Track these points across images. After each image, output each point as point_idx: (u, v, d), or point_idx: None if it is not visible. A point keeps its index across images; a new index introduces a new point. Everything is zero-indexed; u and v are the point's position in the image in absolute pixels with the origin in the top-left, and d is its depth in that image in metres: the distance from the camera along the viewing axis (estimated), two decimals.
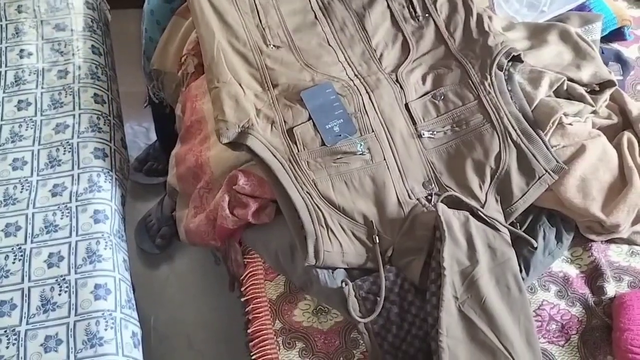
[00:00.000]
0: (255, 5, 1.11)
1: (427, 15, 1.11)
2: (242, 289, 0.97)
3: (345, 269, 0.89)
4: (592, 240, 0.97)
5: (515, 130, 0.96)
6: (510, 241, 0.89)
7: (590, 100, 1.04)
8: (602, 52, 1.18)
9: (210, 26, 1.04)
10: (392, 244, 0.89)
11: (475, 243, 0.85)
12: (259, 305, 0.93)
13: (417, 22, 1.11)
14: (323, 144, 0.94)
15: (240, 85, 0.99)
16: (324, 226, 0.87)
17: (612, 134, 1.03)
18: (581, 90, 1.05)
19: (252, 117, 0.94)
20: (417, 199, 0.92)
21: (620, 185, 0.96)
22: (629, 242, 0.98)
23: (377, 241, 0.88)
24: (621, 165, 0.98)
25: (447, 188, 0.93)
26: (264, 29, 1.09)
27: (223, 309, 1.37)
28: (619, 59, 1.21)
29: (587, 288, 0.94)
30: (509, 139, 0.95)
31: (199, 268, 1.55)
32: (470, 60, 1.04)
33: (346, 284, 0.85)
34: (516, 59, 1.04)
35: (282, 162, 0.92)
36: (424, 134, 0.96)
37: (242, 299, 0.96)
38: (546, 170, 0.93)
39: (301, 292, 0.93)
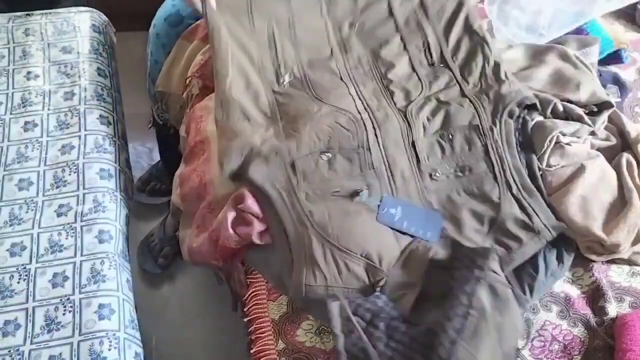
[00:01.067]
0: (274, 39, 1.12)
1: (442, 65, 1.12)
2: (245, 309, 0.97)
3: None
4: (593, 261, 0.98)
5: (516, 184, 0.96)
6: (507, 283, 0.88)
7: (589, 121, 1.05)
8: (600, 75, 1.20)
9: (226, 63, 1.04)
10: (385, 276, 0.88)
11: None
12: (262, 325, 0.93)
13: (432, 67, 1.11)
14: (323, 177, 0.95)
15: (248, 120, 1.00)
16: (309, 260, 0.87)
17: (610, 155, 1.05)
18: (579, 111, 1.06)
19: (256, 144, 0.96)
20: (412, 236, 0.92)
21: (620, 205, 0.97)
22: (629, 262, 0.99)
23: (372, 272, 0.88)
24: (620, 185, 0.99)
25: (444, 230, 0.92)
26: (279, 64, 1.09)
27: (225, 329, 1.36)
28: (617, 81, 1.23)
29: (589, 308, 0.94)
30: (509, 192, 0.95)
31: (201, 288, 1.55)
32: (483, 103, 1.04)
33: (334, 301, 0.85)
34: (533, 108, 1.04)
35: (280, 193, 0.92)
36: (426, 175, 0.97)
37: (245, 319, 0.96)
38: (545, 226, 0.93)
39: (304, 312, 0.93)
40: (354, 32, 1.16)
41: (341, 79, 1.09)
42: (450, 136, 1.00)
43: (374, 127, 1.00)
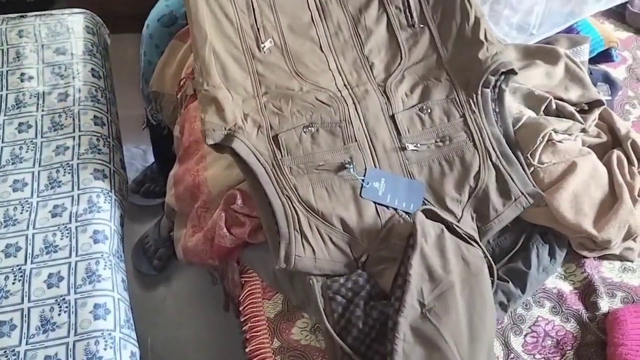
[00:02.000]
0: (252, 3, 1.10)
1: (422, 25, 1.11)
2: (240, 308, 0.97)
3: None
4: (585, 257, 0.99)
5: (495, 152, 0.98)
6: (483, 257, 0.90)
7: (580, 119, 1.06)
8: (591, 73, 1.21)
9: (203, 27, 1.03)
10: (367, 251, 0.90)
11: (448, 254, 0.87)
12: (257, 324, 0.93)
13: (413, 29, 1.11)
14: (307, 151, 0.96)
15: (228, 90, 0.99)
16: (299, 231, 0.89)
17: (601, 152, 1.06)
18: (571, 108, 1.07)
19: (239, 120, 0.95)
20: (395, 210, 0.93)
21: (610, 202, 0.98)
22: (621, 258, 1.00)
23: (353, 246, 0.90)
24: (611, 182, 1.00)
25: (425, 201, 0.95)
26: (258, 29, 1.08)
27: (221, 328, 1.36)
28: (607, 79, 1.24)
29: (581, 304, 0.95)
30: (488, 159, 0.97)
31: (196, 289, 1.55)
32: (459, 76, 1.05)
33: (317, 281, 0.87)
34: (510, 72, 1.04)
35: (264, 166, 0.93)
36: (408, 147, 0.98)
37: (240, 318, 0.96)
38: (522, 193, 0.95)
39: (299, 310, 0.93)
40: None
41: (321, 49, 1.08)
42: (429, 110, 1.02)
43: (354, 103, 1.02)
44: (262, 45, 1.06)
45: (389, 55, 1.09)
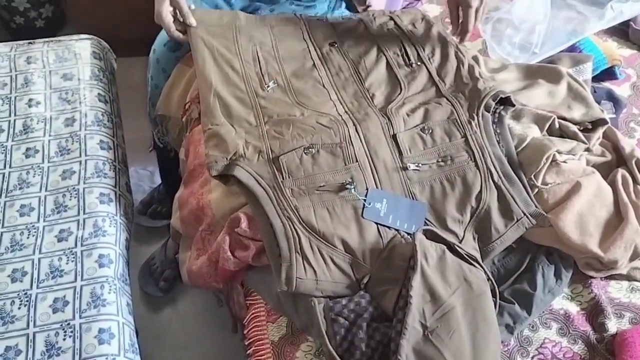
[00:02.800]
0: (257, 57, 1.17)
1: (419, 63, 1.16)
2: (245, 331, 0.97)
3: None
4: (592, 277, 0.98)
5: (497, 172, 0.98)
6: (485, 278, 0.90)
7: (583, 138, 1.06)
8: (594, 91, 1.22)
9: (209, 78, 1.10)
10: (369, 272, 0.90)
11: (450, 275, 0.86)
12: (261, 347, 0.93)
13: (410, 67, 1.15)
14: (307, 172, 0.96)
15: (232, 125, 1.04)
16: (300, 253, 0.89)
17: (606, 171, 1.05)
18: (574, 128, 1.07)
19: (240, 149, 0.99)
20: (396, 230, 0.93)
21: (616, 221, 0.97)
22: (628, 278, 0.99)
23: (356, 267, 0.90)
24: (616, 201, 1.00)
25: (427, 221, 0.94)
26: (262, 75, 1.14)
27: (226, 351, 1.36)
28: (611, 97, 1.24)
29: (589, 325, 0.94)
30: (490, 179, 0.98)
31: (201, 310, 1.55)
32: (460, 100, 1.08)
33: (319, 303, 0.87)
34: (508, 103, 1.07)
35: (266, 189, 0.95)
36: (409, 166, 0.99)
37: (245, 342, 0.96)
38: (524, 214, 0.95)
39: (303, 333, 0.93)
40: (334, 49, 1.20)
41: (323, 85, 1.13)
42: (431, 130, 1.03)
43: (354, 125, 1.03)
44: (266, 86, 1.11)
45: (389, 88, 1.13)
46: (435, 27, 1.25)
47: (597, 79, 1.28)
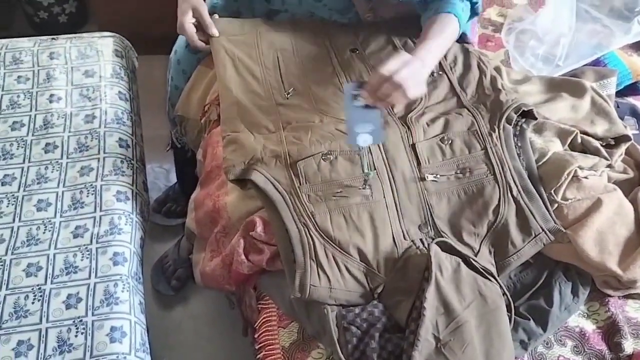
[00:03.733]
0: (278, 63, 1.17)
1: (440, 72, 1.15)
2: (256, 335, 0.97)
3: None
4: (609, 295, 0.96)
5: (517, 186, 0.97)
6: (501, 292, 0.89)
7: (606, 154, 1.05)
8: (618, 107, 1.20)
9: (229, 87, 1.11)
10: (383, 282, 0.89)
11: (464, 288, 0.86)
12: (272, 352, 0.93)
13: (432, 77, 1.14)
14: (325, 179, 0.96)
15: (252, 132, 1.04)
16: (314, 260, 0.88)
17: (628, 188, 1.04)
18: (596, 144, 1.06)
19: (257, 154, 0.99)
20: (412, 241, 0.93)
21: (636, 240, 0.96)
22: None
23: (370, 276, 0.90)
24: (637, 220, 0.98)
25: (442, 233, 0.94)
26: (283, 82, 1.13)
27: (236, 353, 1.36)
28: (635, 113, 1.22)
29: (605, 344, 0.93)
30: (509, 193, 0.96)
31: (213, 311, 1.55)
32: (481, 112, 1.07)
33: (332, 311, 0.86)
34: (530, 116, 1.06)
35: (282, 194, 0.95)
36: (427, 177, 0.98)
37: (255, 346, 0.96)
38: (543, 229, 0.94)
39: (314, 340, 0.92)
40: (355, 56, 1.19)
41: (343, 92, 1.11)
42: (450, 141, 1.02)
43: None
44: (286, 93, 1.11)
45: None
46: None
47: (620, 94, 1.26)
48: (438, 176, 0.98)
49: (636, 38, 1.32)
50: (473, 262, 0.90)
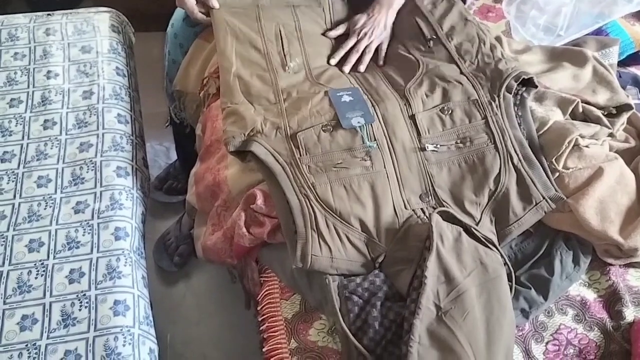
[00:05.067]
0: (280, 35, 1.16)
1: (437, 43, 1.14)
2: (258, 307, 0.97)
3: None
4: (610, 264, 0.97)
5: (517, 155, 0.97)
6: (502, 261, 0.89)
7: (607, 123, 1.04)
8: (620, 76, 1.19)
9: (230, 58, 1.10)
10: (384, 252, 0.90)
11: (465, 257, 0.86)
12: (275, 324, 0.93)
13: (428, 48, 1.14)
14: (325, 150, 0.96)
15: (252, 103, 1.04)
16: (316, 230, 0.89)
17: (629, 157, 1.03)
18: (598, 112, 1.05)
19: (257, 125, 0.99)
20: (413, 210, 0.93)
21: (638, 208, 0.96)
22: None
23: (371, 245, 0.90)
24: (639, 188, 0.98)
25: (443, 202, 0.94)
26: (285, 55, 1.13)
27: (239, 327, 1.37)
28: (637, 82, 1.21)
29: (605, 312, 0.93)
30: (510, 162, 0.96)
31: (215, 286, 1.56)
32: (480, 81, 1.06)
33: (333, 281, 0.86)
34: (531, 84, 1.05)
35: (283, 166, 0.94)
36: (427, 147, 0.98)
37: (258, 318, 0.96)
38: (544, 197, 0.94)
39: (316, 311, 0.93)
40: None
41: (342, 69, 1.14)
42: (450, 111, 1.02)
43: (372, 105, 1.03)
44: (287, 66, 1.11)
45: (407, 68, 1.12)
46: (457, 7, 1.22)
47: (623, 63, 1.25)
48: (438, 146, 0.98)
49: (638, 7, 1.30)
50: (474, 231, 0.90)
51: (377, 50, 1.18)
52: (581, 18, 1.27)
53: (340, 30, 1.20)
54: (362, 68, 1.14)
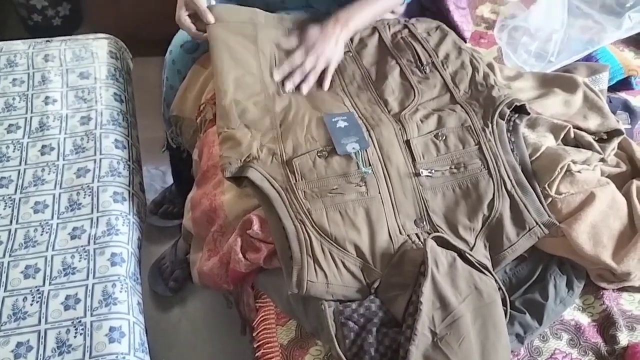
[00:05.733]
0: (275, 60, 1.17)
1: (433, 70, 1.16)
2: (254, 333, 0.97)
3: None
4: (604, 288, 0.97)
5: (511, 180, 0.98)
6: (496, 286, 0.89)
7: (599, 148, 1.05)
8: (610, 102, 1.21)
9: (226, 81, 1.10)
10: (379, 277, 0.90)
11: (460, 282, 0.86)
12: (270, 350, 0.93)
13: (424, 74, 1.15)
14: (320, 175, 0.97)
15: (248, 128, 1.04)
16: (311, 256, 0.89)
17: (620, 182, 1.04)
18: (589, 138, 1.07)
19: (254, 151, 0.99)
20: (408, 236, 0.94)
21: (630, 233, 0.97)
22: None
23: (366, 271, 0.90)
24: (631, 213, 0.99)
25: (438, 228, 0.94)
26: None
27: (234, 353, 1.36)
28: (627, 108, 1.23)
29: (600, 337, 0.93)
30: (503, 188, 0.97)
31: (210, 311, 1.55)
32: (474, 107, 1.08)
33: (329, 307, 0.87)
34: (523, 111, 1.07)
35: (279, 191, 0.95)
36: (422, 172, 0.99)
37: (254, 344, 0.96)
38: (537, 223, 0.95)
39: (312, 337, 0.93)
40: (349, 57, 1.21)
41: (337, 93, 1.14)
42: (444, 137, 1.03)
43: (367, 130, 1.04)
44: (282, 92, 1.11)
45: (403, 94, 1.13)
46: (450, 36, 1.25)
47: (613, 89, 1.27)
48: (433, 171, 0.99)
49: (628, 33, 1.33)
50: (468, 256, 0.90)
51: (324, 71, 1.15)
52: (571, 44, 1.30)
53: (293, 42, 1.18)
54: (304, 90, 1.12)
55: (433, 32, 1.26)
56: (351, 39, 1.25)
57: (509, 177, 0.98)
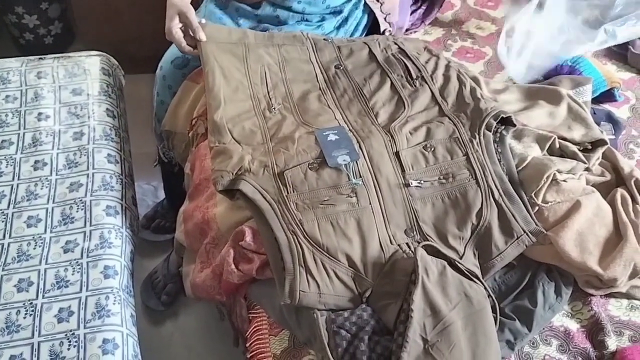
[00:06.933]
0: (266, 78, 1.19)
1: (422, 83, 1.19)
2: (247, 344, 0.98)
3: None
4: (592, 295, 0.99)
5: (498, 190, 1.00)
6: (485, 294, 0.91)
7: (583, 158, 1.08)
8: (594, 113, 1.24)
9: (218, 96, 1.12)
10: (371, 286, 0.91)
11: (450, 290, 0.88)
12: None
13: (414, 87, 1.18)
14: (312, 187, 0.98)
15: (239, 143, 1.06)
16: (303, 267, 0.90)
17: (605, 190, 1.07)
18: (574, 148, 1.09)
19: (245, 164, 1.01)
20: (398, 245, 0.95)
21: (615, 240, 0.99)
22: (628, 296, 1.00)
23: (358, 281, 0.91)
24: (616, 220, 1.01)
25: (428, 237, 0.96)
26: (270, 98, 1.16)
27: None
28: (611, 119, 1.26)
29: (589, 342, 0.95)
30: (491, 197, 0.99)
31: (203, 324, 1.55)
32: (462, 120, 1.10)
33: (321, 316, 0.87)
34: (509, 123, 1.09)
35: (270, 203, 0.96)
36: (411, 183, 1.00)
37: (247, 355, 0.97)
38: (524, 231, 0.97)
39: (305, 347, 0.94)
40: (340, 72, 1.23)
41: (328, 106, 1.16)
42: (433, 148, 1.05)
43: (358, 142, 1.06)
44: (273, 108, 1.14)
45: (393, 106, 1.15)
46: (438, 55, 1.28)
47: (596, 100, 1.30)
48: (422, 182, 1.01)
49: (602, 46, 1.36)
50: (458, 264, 0.92)
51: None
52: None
53: None
54: None
55: (422, 52, 1.29)
56: (342, 53, 1.28)
57: (496, 186, 1.00)
